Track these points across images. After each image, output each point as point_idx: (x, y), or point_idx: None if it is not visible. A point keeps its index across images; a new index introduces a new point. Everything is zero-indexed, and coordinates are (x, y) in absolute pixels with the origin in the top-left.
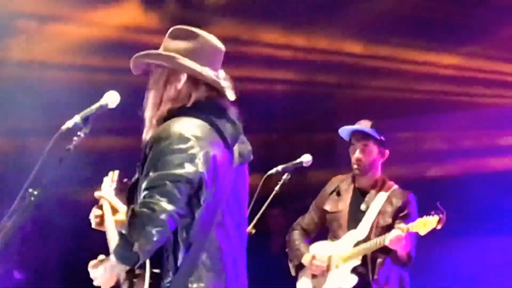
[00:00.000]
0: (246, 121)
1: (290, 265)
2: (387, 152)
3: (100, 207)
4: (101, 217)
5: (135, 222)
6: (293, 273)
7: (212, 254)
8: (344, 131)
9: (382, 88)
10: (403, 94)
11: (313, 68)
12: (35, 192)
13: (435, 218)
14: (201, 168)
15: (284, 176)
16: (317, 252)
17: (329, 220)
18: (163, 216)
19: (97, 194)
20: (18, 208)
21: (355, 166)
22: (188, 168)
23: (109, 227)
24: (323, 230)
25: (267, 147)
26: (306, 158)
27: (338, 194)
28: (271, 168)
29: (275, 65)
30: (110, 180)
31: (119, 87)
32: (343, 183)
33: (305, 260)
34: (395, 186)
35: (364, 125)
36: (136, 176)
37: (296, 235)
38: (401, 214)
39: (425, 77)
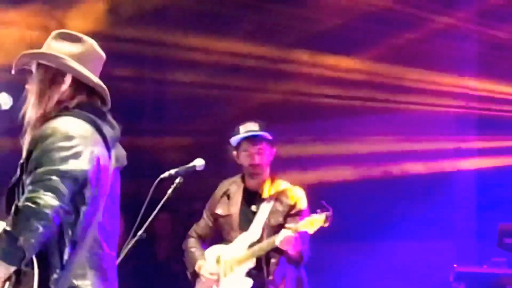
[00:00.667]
0: (137, 123)
1: (187, 272)
2: (274, 150)
3: None
4: None
5: (19, 217)
6: (191, 281)
7: (95, 252)
8: (237, 139)
9: (280, 92)
10: (301, 98)
11: (209, 71)
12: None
13: (322, 216)
14: (86, 165)
15: (177, 180)
16: (208, 260)
17: (222, 224)
18: (47, 210)
19: None
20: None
21: (254, 171)
22: (74, 165)
23: None
24: (219, 234)
25: (158, 150)
26: (199, 162)
27: (228, 197)
28: (163, 172)
29: (166, 67)
30: None
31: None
32: (232, 185)
33: (198, 268)
34: (286, 184)
35: (252, 127)
36: (18, 175)
37: (192, 242)
38: (291, 212)
39: (325, 81)
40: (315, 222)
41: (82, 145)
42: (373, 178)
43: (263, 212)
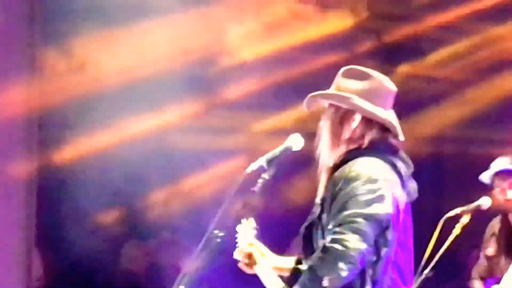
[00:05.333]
0: None
1: None
2: None
3: (250, 254)
4: (251, 260)
5: (327, 258)
6: None
7: None
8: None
9: None
10: None
11: None
12: (220, 234)
13: None
14: (389, 209)
15: (462, 219)
16: None
17: (493, 264)
18: (355, 254)
19: (245, 246)
20: (204, 249)
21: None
22: (378, 208)
23: (266, 271)
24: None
25: None
26: (485, 201)
27: (496, 236)
28: None
29: None
30: (247, 227)
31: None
32: (498, 224)
33: None
34: None
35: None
36: (316, 213)
37: (477, 284)
38: None
39: None
40: None
41: (385, 188)
42: None
43: None
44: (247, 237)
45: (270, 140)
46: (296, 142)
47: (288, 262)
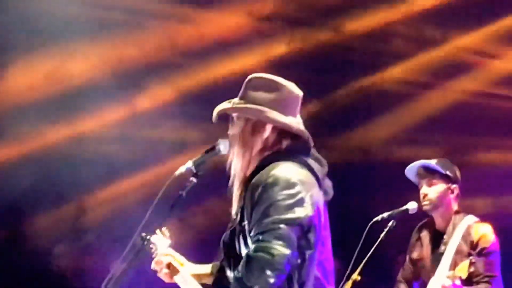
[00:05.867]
0: None
1: None
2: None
3: (168, 264)
4: (170, 270)
5: (253, 267)
6: None
7: None
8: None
9: None
10: None
11: None
12: (147, 237)
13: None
14: (310, 211)
15: (390, 224)
16: None
17: (419, 268)
18: (281, 260)
19: (161, 256)
20: (131, 252)
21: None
22: (299, 212)
23: (186, 279)
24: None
25: None
26: (412, 205)
27: (421, 240)
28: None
29: None
30: (162, 237)
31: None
32: (424, 227)
33: None
34: (471, 220)
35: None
36: (236, 221)
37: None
38: (476, 251)
39: None
40: (464, 267)
41: (303, 191)
42: None
43: (449, 252)
44: (163, 247)
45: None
46: (224, 146)
47: (206, 269)
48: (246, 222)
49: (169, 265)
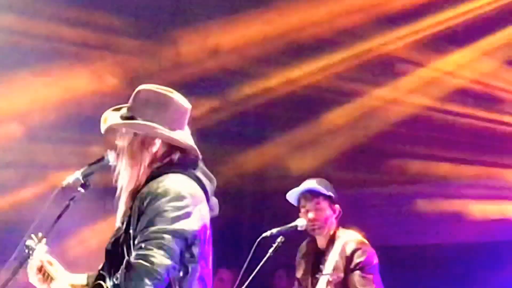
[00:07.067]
0: None
1: None
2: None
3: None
4: (45, 277)
5: (132, 274)
6: None
7: None
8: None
9: None
10: None
11: None
12: (33, 245)
13: None
14: (196, 225)
15: (278, 239)
16: None
17: (304, 286)
18: (161, 269)
19: (37, 261)
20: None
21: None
22: (185, 225)
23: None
24: None
25: None
26: (301, 222)
27: (304, 258)
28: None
29: None
30: (39, 243)
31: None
32: (307, 245)
33: None
34: (348, 237)
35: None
36: (122, 229)
37: None
38: (351, 266)
39: None
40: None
41: (192, 204)
42: None
43: (328, 269)
44: (39, 252)
45: None
46: (112, 157)
47: (82, 279)
48: (131, 230)
49: (44, 272)
